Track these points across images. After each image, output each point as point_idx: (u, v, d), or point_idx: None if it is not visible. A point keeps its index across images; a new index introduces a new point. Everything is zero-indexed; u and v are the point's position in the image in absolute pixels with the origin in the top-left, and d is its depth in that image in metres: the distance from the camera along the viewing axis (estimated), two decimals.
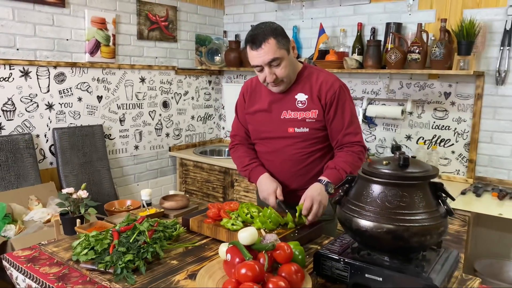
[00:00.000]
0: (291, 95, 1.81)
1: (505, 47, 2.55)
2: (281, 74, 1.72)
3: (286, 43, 1.72)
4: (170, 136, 3.61)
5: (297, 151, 1.83)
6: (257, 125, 1.90)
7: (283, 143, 1.84)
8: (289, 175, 1.87)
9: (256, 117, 1.90)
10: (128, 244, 1.41)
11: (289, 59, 1.74)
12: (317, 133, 1.82)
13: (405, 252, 1.22)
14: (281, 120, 1.82)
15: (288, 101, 1.82)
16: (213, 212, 1.69)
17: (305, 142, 1.82)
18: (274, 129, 1.85)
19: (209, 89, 3.92)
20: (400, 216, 1.16)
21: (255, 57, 1.70)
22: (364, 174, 1.27)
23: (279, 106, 1.83)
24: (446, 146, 2.85)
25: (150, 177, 3.50)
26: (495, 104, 2.64)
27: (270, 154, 1.89)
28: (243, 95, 1.96)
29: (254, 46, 1.69)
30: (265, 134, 1.88)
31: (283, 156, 1.85)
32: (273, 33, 1.68)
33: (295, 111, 1.81)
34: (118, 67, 3.15)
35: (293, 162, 1.85)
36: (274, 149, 1.87)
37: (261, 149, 1.93)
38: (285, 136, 1.83)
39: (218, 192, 3.35)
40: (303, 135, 1.81)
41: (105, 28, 3.00)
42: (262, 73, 1.74)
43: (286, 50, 1.72)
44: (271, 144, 1.87)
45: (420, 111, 2.93)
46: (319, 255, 1.31)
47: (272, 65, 1.70)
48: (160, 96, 3.49)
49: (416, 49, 2.65)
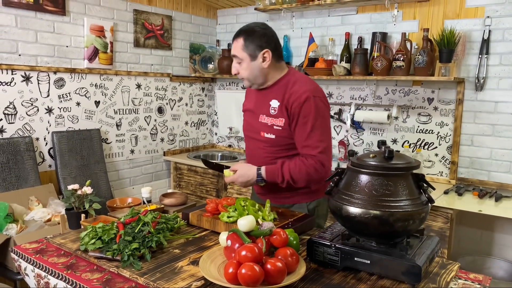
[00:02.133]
0: (267, 100, 1.88)
1: (483, 55, 2.71)
2: (241, 72, 1.87)
3: (253, 50, 1.81)
4: (164, 141, 3.71)
5: (267, 155, 1.92)
6: (245, 123, 2.06)
7: (257, 144, 1.95)
8: None
9: (245, 115, 2.06)
10: (133, 234, 1.50)
11: (252, 65, 1.83)
12: (283, 141, 1.86)
13: (391, 236, 1.34)
14: (258, 122, 1.92)
15: (265, 105, 1.89)
16: (212, 206, 1.79)
17: (273, 148, 1.89)
18: (253, 129, 1.96)
19: (202, 95, 4.03)
20: (385, 203, 1.28)
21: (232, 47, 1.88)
22: (353, 166, 1.39)
23: (259, 108, 1.92)
24: (430, 149, 3.00)
25: (145, 180, 3.59)
26: (475, 109, 2.80)
27: (249, 153, 2.05)
28: (246, 92, 2.13)
29: (233, 38, 1.87)
30: (247, 133, 2.03)
31: (256, 157, 1.97)
32: (247, 34, 1.82)
33: (268, 116, 1.88)
34: (115, 73, 3.25)
35: (261, 165, 1.90)
36: (251, 148, 2.01)
37: (246, 147, 2.10)
38: (258, 138, 1.93)
39: (211, 195, 3.44)
40: (270, 140, 1.88)
41: (103, 36, 3.11)
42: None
43: (249, 56, 1.82)
44: (250, 143, 2.02)
45: (405, 116, 3.08)
46: (312, 242, 1.43)
47: (236, 61, 1.86)
48: (156, 102, 3.59)
49: (401, 57, 2.80)
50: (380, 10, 3.12)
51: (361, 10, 3.22)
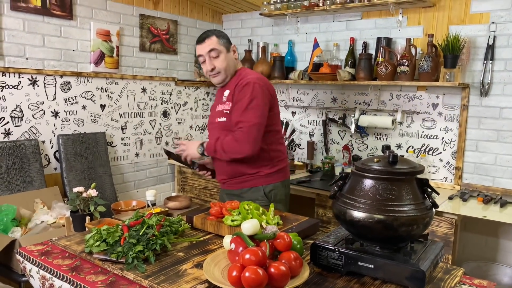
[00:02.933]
0: (223, 92, 2.15)
1: (488, 61, 2.71)
2: (218, 65, 2.06)
3: (226, 44, 2.10)
4: (169, 145, 3.73)
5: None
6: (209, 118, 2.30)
7: (214, 131, 2.17)
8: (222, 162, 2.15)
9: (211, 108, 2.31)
10: (138, 236, 1.51)
11: (228, 56, 2.09)
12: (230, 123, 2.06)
13: (394, 241, 1.34)
14: (215, 112, 2.17)
15: (220, 97, 2.16)
16: (216, 210, 1.80)
17: (225, 131, 2.08)
18: (212, 119, 2.19)
19: (207, 100, 4.05)
20: (389, 207, 1.28)
21: (199, 49, 2.08)
22: (357, 170, 1.39)
23: (217, 102, 2.19)
24: (434, 155, 3.00)
25: (149, 184, 3.60)
26: (479, 115, 2.79)
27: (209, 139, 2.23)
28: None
29: (199, 42, 2.08)
30: (209, 125, 2.26)
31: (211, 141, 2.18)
32: (216, 34, 2.08)
33: (221, 104, 2.13)
34: (121, 77, 3.27)
35: None
36: (210, 136, 2.21)
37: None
38: (215, 125, 2.15)
39: (215, 198, 3.45)
40: (223, 124, 2.10)
41: (110, 40, 3.13)
42: (205, 64, 2.09)
43: (226, 48, 2.08)
44: (210, 132, 2.24)
45: (409, 121, 3.08)
46: (315, 246, 1.43)
47: (212, 56, 2.05)
48: (161, 106, 3.61)
49: (405, 62, 2.81)
50: (385, 16, 3.13)
51: (366, 16, 3.23)
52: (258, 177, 2.13)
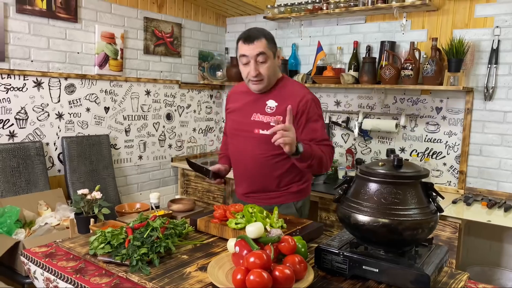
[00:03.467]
0: (263, 100, 1.97)
1: (492, 65, 2.71)
2: (264, 71, 1.89)
3: (274, 48, 1.93)
4: (172, 147, 3.73)
5: (260, 152, 1.98)
6: (230, 122, 2.12)
7: (248, 142, 2.00)
8: (251, 176, 2.03)
9: (231, 115, 2.11)
10: (142, 239, 1.51)
11: (273, 62, 1.92)
12: None
13: (399, 245, 1.34)
14: (251, 121, 1.98)
15: (259, 105, 1.98)
16: (219, 213, 1.80)
17: (267, 145, 1.88)
18: (243, 127, 2.01)
19: (210, 102, 4.06)
20: (394, 211, 1.28)
21: (245, 49, 1.87)
22: (362, 174, 1.39)
23: (252, 108, 1.99)
24: (438, 158, 2.99)
25: (152, 186, 3.61)
26: (483, 119, 2.79)
27: (238, 152, 2.06)
28: (227, 97, 2.21)
29: (247, 41, 1.87)
30: (234, 131, 2.07)
31: (246, 154, 2.02)
32: (265, 36, 1.92)
33: (263, 114, 1.96)
34: (125, 80, 3.28)
35: (255, 163, 2.00)
36: (239, 146, 2.05)
37: (231, 146, 2.12)
38: (251, 136, 1.98)
39: (218, 201, 3.45)
40: (265, 137, 1.89)
41: (114, 43, 3.15)
42: (247, 67, 1.89)
43: (273, 53, 1.91)
44: (237, 141, 2.05)
45: (413, 125, 3.08)
46: (320, 250, 1.43)
47: (258, 61, 1.86)
48: (164, 108, 3.62)
49: (409, 66, 2.80)
50: (389, 19, 3.13)
51: (370, 19, 3.23)
52: (289, 193, 2.03)
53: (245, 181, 2.05)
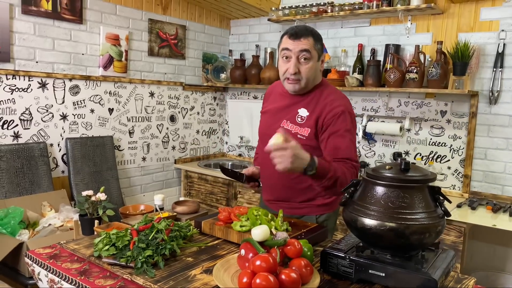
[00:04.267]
0: (295, 107, 1.84)
1: (497, 69, 2.70)
2: (304, 71, 1.74)
3: (320, 50, 1.79)
4: (176, 149, 3.73)
5: None
6: (263, 125, 2.01)
7: None
8: (275, 184, 1.94)
9: (264, 116, 2.01)
10: (147, 241, 1.50)
11: (316, 65, 1.78)
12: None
13: (406, 249, 1.33)
14: (279, 127, 1.84)
15: (291, 112, 1.85)
16: (224, 215, 1.79)
17: None
18: (272, 133, 1.82)
19: (214, 105, 4.06)
20: (401, 215, 1.27)
21: (289, 43, 1.73)
22: (368, 177, 1.39)
23: (284, 113, 1.87)
24: (442, 162, 2.98)
25: (155, 188, 3.60)
26: (488, 122, 2.78)
27: (263, 160, 1.98)
28: (265, 95, 2.08)
29: (293, 37, 1.73)
30: (265, 131, 1.95)
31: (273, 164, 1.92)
32: (313, 35, 1.75)
33: (292, 123, 1.84)
34: (129, 82, 3.28)
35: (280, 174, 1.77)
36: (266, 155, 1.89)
37: (260, 149, 2.03)
38: None
39: (221, 203, 3.44)
40: None
41: (118, 44, 3.15)
42: (287, 64, 1.75)
43: (318, 55, 1.77)
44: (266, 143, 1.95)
45: (417, 128, 3.07)
46: (325, 253, 1.42)
47: (301, 58, 1.73)
48: (168, 110, 3.62)
49: (414, 69, 2.80)
50: (394, 23, 3.12)
51: (374, 22, 3.23)
52: (312, 206, 1.92)
53: (270, 188, 1.94)
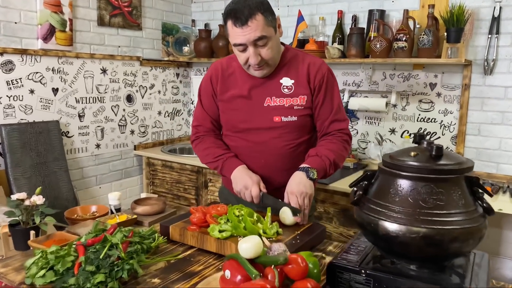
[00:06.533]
0: (275, 80, 1.61)
1: (493, 35, 2.44)
2: (267, 55, 1.51)
3: (274, 20, 1.52)
4: (135, 134, 3.30)
5: (285, 143, 1.63)
6: (234, 115, 1.67)
7: (267, 135, 1.63)
8: (273, 172, 1.66)
9: (232, 105, 1.66)
10: (98, 261, 1.13)
11: (276, 38, 1.54)
12: (305, 122, 1.64)
13: (439, 259, 1.03)
14: (265, 108, 1.62)
15: (272, 87, 1.61)
16: (198, 217, 1.44)
17: (293, 133, 1.63)
18: (256, 118, 1.63)
19: (177, 82, 3.63)
20: (438, 218, 0.97)
21: (239, 35, 1.47)
22: (388, 168, 1.07)
23: (261, 92, 1.62)
24: (432, 140, 2.73)
25: (113, 178, 3.18)
26: (482, 95, 2.54)
27: (251, 149, 1.65)
28: (210, 78, 1.71)
29: (239, 22, 1.45)
30: (244, 125, 1.65)
31: (268, 150, 1.64)
32: (260, 7, 1.46)
33: (280, 97, 1.60)
34: (76, 56, 2.80)
35: (279, 156, 1.64)
36: (256, 143, 1.64)
37: (238, 144, 1.68)
38: (270, 126, 1.62)
39: (190, 193, 3.08)
40: (291, 124, 1.62)
41: (61, 12, 2.66)
42: (245, 53, 1.51)
43: (274, 28, 1.52)
44: (253, 137, 1.64)
45: (404, 103, 2.80)
46: (334, 267, 1.10)
47: (258, 45, 1.48)
48: (124, 89, 3.17)
49: (403, 37, 2.50)
50: None
51: None
52: None
53: (265, 180, 1.63)
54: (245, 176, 1.58)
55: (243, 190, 1.57)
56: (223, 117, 1.71)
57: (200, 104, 1.74)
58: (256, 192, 1.54)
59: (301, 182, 1.49)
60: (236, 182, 1.59)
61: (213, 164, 1.69)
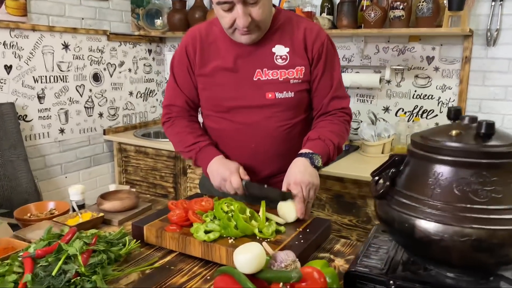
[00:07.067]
0: (267, 48, 1.35)
1: (497, 2, 2.24)
2: (258, 15, 1.24)
3: None
4: (104, 117, 2.98)
5: (279, 124, 1.38)
6: (217, 91, 1.40)
7: (258, 114, 1.37)
8: (264, 158, 1.42)
9: (215, 79, 1.39)
10: (49, 279, 0.87)
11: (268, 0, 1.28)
12: (303, 98, 1.40)
13: (491, 267, 0.81)
14: (255, 82, 1.36)
15: (262, 56, 1.35)
16: (178, 214, 1.18)
17: (289, 112, 1.38)
18: (245, 95, 1.36)
19: (149, 59, 3.31)
20: (496, 215, 0.74)
21: None
22: (423, 151, 0.83)
23: (249, 63, 1.36)
24: (429, 118, 2.54)
25: (81, 167, 2.87)
26: (484, 68, 2.34)
27: (239, 132, 1.40)
28: (186, 49, 1.41)
29: None
30: (229, 103, 1.38)
31: (259, 133, 1.38)
32: None
33: (274, 69, 1.35)
34: (32, 29, 2.46)
35: (271, 139, 1.39)
36: (244, 124, 1.38)
37: (222, 126, 1.43)
38: (261, 104, 1.36)
39: (167, 181, 2.81)
40: (287, 102, 1.36)
41: None
42: (230, 14, 1.24)
43: None
44: (240, 117, 1.38)
45: (399, 79, 2.58)
46: (353, 276, 0.87)
47: (248, 2, 1.22)
48: (90, 67, 2.84)
49: (400, 5, 2.27)
50: None
51: None
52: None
53: (255, 168, 1.42)
54: (221, 168, 1.32)
55: (222, 183, 1.32)
56: (204, 94, 1.44)
57: (173, 80, 1.46)
58: (237, 181, 1.29)
59: (306, 171, 1.25)
60: (213, 176, 1.35)
61: (186, 155, 1.44)
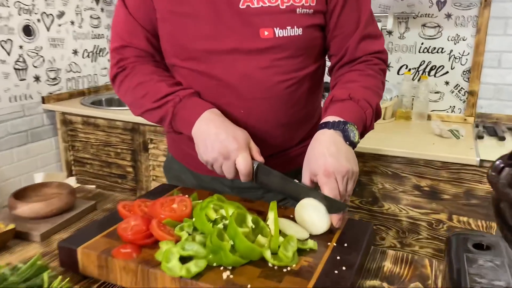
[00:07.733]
0: None
1: None
2: None
3: None
4: (41, 81, 2.40)
5: (281, 77, 0.90)
6: (184, 25, 0.89)
7: (249, 64, 0.88)
8: (260, 130, 0.93)
9: (182, 6, 0.88)
10: None
11: None
12: (315, 38, 0.93)
13: None
14: (242, 12, 0.87)
15: None
16: (135, 226, 0.72)
17: (295, 59, 0.90)
18: (227, 33, 0.87)
19: (97, 10, 2.71)
20: None
21: None
22: None
23: None
24: (438, 76, 2.15)
25: (15, 143, 2.31)
26: (506, 14, 1.96)
27: (219, 90, 0.91)
28: None
29: None
30: (203, 45, 0.88)
31: (251, 91, 0.90)
32: None
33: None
34: None
35: (270, 101, 0.91)
36: (227, 80, 0.89)
37: (193, 81, 0.92)
38: (253, 48, 0.87)
39: (125, 159, 2.31)
40: (292, 43, 0.88)
41: None
42: None
43: None
44: (220, 69, 0.89)
45: (403, 30, 2.16)
46: None
47: None
48: (18, 17, 2.23)
49: None
50: None
51: None
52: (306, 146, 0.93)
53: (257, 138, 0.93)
54: (223, 133, 0.81)
55: (219, 160, 0.82)
56: (164, 29, 0.91)
57: (124, 8, 0.94)
58: (247, 163, 0.80)
59: (339, 152, 0.78)
60: (206, 143, 0.83)
61: (156, 114, 0.91)
